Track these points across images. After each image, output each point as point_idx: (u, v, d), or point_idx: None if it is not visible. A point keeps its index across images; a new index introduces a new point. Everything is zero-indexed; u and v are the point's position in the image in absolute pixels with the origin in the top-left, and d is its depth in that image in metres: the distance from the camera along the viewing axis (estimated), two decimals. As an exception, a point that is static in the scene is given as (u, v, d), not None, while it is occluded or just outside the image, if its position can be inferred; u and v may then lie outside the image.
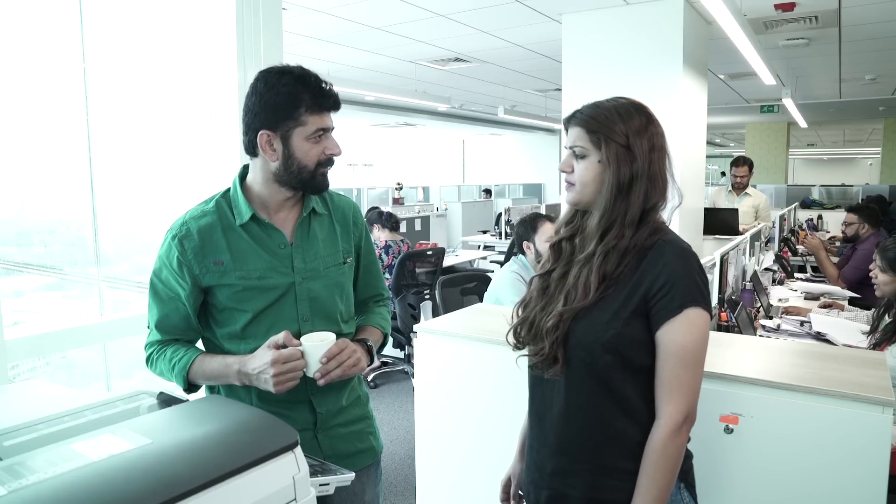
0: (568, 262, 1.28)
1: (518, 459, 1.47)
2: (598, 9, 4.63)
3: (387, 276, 4.71)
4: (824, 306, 3.73)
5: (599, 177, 1.21)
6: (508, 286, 2.94)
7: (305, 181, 1.35)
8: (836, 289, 4.12)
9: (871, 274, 2.84)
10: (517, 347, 1.32)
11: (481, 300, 3.57)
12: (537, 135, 14.87)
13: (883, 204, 7.26)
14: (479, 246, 7.79)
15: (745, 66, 5.53)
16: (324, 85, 1.32)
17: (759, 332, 3.21)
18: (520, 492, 1.46)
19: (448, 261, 5.76)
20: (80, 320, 2.14)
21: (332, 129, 1.36)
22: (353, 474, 1.14)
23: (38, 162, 2.47)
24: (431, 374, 2.14)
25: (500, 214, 8.32)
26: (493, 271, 5.86)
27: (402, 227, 5.79)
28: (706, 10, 3.80)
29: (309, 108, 1.30)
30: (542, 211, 8.63)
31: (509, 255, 6.43)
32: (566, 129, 1.29)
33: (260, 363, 1.25)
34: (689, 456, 1.25)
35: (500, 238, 7.82)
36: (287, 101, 1.29)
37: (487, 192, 12.96)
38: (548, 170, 14.90)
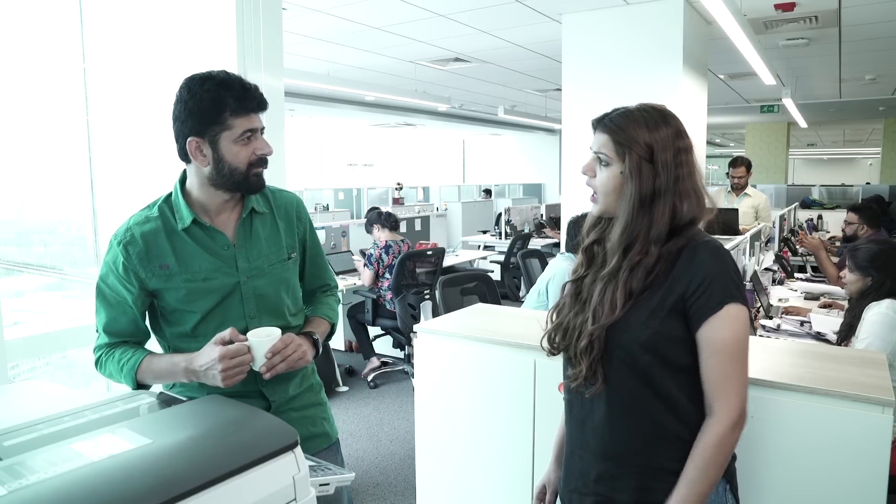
0: (599, 268, 1.26)
1: (553, 468, 1.45)
2: (598, 9, 4.63)
3: (387, 276, 4.71)
4: (824, 306, 3.73)
5: (621, 188, 1.19)
6: (559, 281, 2.92)
7: (239, 182, 1.37)
8: (836, 289, 4.12)
9: (840, 273, 2.88)
10: (552, 353, 1.31)
11: (481, 300, 3.57)
12: (537, 135, 14.88)
13: (882, 204, 7.26)
14: (479, 246, 7.79)
15: (745, 66, 5.53)
16: (246, 87, 1.34)
17: (759, 332, 3.21)
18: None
19: (448, 261, 5.76)
20: (80, 320, 2.14)
21: (261, 128, 1.38)
22: (353, 474, 1.14)
23: (38, 162, 2.47)
24: (431, 374, 2.14)
25: (500, 214, 8.32)
26: (493, 271, 5.86)
27: (402, 227, 5.79)
28: (706, 10, 3.80)
29: (234, 111, 1.32)
30: (542, 212, 8.65)
31: (509, 254, 6.45)
32: (594, 131, 1.26)
33: (207, 359, 1.27)
34: (733, 457, 1.24)
35: (500, 238, 7.81)
36: (211, 106, 1.30)
37: (487, 192, 12.96)
38: (548, 170, 14.91)
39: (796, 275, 5.03)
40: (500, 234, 7.95)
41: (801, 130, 14.30)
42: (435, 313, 4.11)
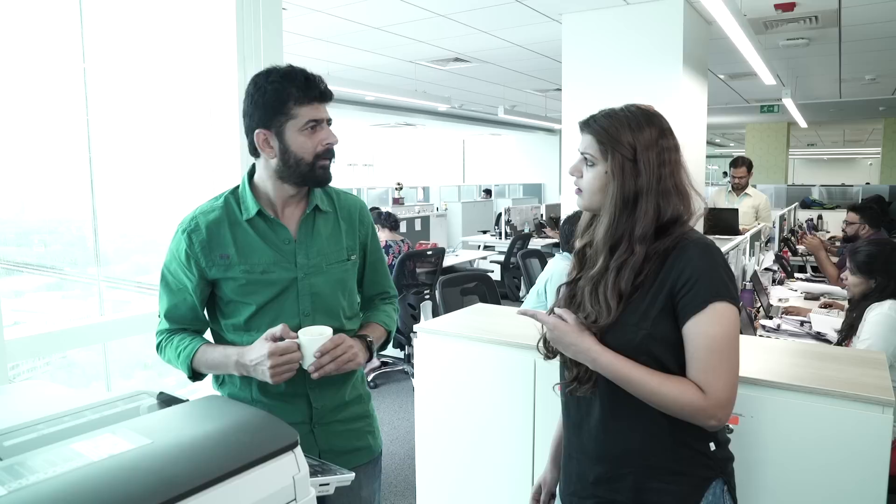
0: (590, 270, 1.26)
1: (550, 469, 1.46)
2: (598, 9, 4.63)
3: (387, 276, 4.71)
4: (824, 306, 3.73)
5: (605, 187, 1.20)
6: (557, 281, 2.90)
7: (305, 174, 1.37)
8: (836, 289, 4.12)
9: (841, 276, 2.88)
10: (548, 357, 1.31)
11: (481, 300, 3.57)
12: (537, 135, 14.87)
13: (882, 204, 7.26)
14: (479, 246, 7.78)
15: (745, 66, 5.53)
16: (309, 77, 1.35)
17: (759, 332, 3.21)
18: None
19: (448, 261, 5.75)
20: (80, 320, 2.14)
21: (327, 119, 1.38)
22: (353, 474, 1.14)
23: (38, 162, 2.47)
24: (431, 374, 2.14)
25: (500, 214, 8.32)
26: (493, 271, 5.86)
27: (402, 227, 5.79)
28: (706, 10, 3.80)
29: (297, 100, 1.33)
30: (542, 211, 8.65)
31: (509, 254, 6.45)
32: (581, 132, 1.27)
33: (257, 355, 1.28)
34: (730, 458, 1.24)
35: (500, 238, 7.81)
36: (275, 97, 1.32)
37: (487, 192, 12.96)
38: (548, 170, 14.90)
39: (796, 275, 5.03)
40: (500, 234, 7.95)
41: (801, 130, 14.30)
42: (435, 313, 4.12)
